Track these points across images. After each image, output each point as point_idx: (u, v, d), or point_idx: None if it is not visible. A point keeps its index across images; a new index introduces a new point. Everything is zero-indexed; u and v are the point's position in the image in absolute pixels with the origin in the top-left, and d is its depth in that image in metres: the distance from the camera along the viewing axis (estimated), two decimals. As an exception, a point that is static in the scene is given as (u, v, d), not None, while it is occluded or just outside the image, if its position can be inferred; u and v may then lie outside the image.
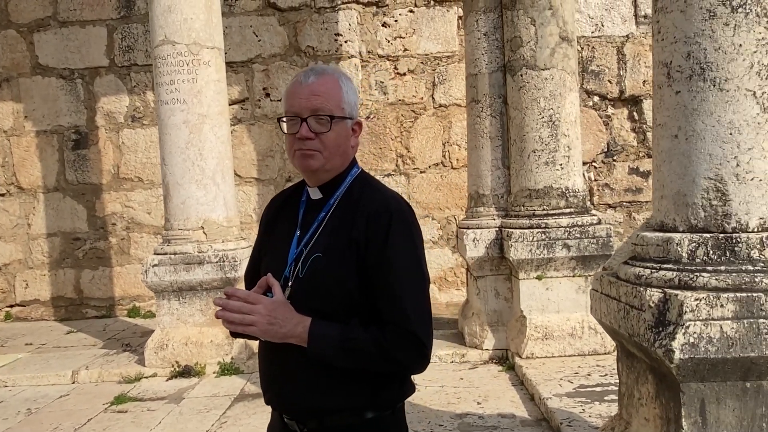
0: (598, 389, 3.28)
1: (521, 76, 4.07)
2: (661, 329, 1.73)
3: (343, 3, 6.60)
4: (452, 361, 4.31)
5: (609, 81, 6.60)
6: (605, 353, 3.87)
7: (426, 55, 6.72)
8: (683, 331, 1.66)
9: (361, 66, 6.69)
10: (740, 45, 1.77)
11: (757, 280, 1.68)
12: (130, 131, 6.71)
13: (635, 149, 6.60)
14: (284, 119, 1.38)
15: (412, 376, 1.45)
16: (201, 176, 4.35)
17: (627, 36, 6.57)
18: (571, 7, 4.15)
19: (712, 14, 1.80)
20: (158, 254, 4.43)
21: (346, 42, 6.64)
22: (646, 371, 1.98)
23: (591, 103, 6.59)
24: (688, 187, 1.86)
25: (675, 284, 1.77)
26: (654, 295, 1.78)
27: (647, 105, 6.57)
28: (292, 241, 1.40)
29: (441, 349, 4.43)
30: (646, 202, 6.58)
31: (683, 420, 1.75)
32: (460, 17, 6.57)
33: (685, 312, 1.67)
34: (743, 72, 1.78)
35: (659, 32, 1.95)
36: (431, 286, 6.51)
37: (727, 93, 1.78)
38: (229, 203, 4.52)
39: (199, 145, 4.34)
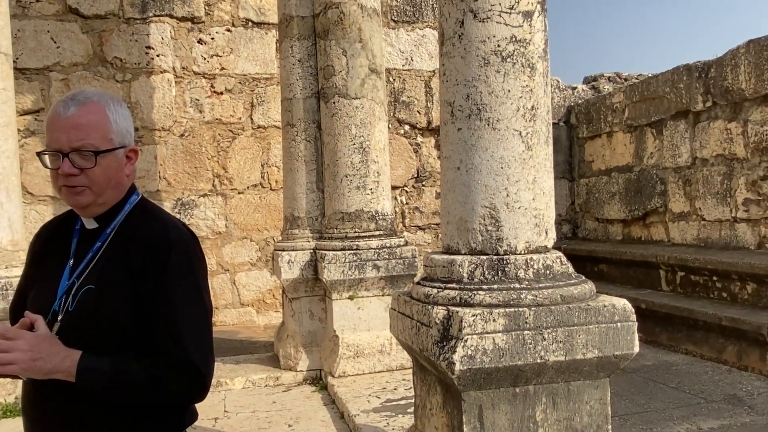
0: (403, 402, 3.46)
1: (334, 103, 4.22)
2: (445, 343, 1.90)
3: (155, 15, 6.32)
4: (266, 385, 4.27)
5: (418, 111, 7.08)
6: (411, 367, 4.09)
7: (244, 75, 6.67)
8: (462, 344, 1.84)
9: (175, 82, 6.44)
10: (509, 90, 2.03)
11: (522, 296, 1.91)
12: None
13: (442, 175, 7.12)
14: (45, 153, 1.28)
15: (226, 405, 1.43)
16: (-20, 195, 3.86)
17: (433, 71, 7.11)
18: (379, 42, 4.40)
19: (486, 62, 2.03)
20: None
21: (158, 56, 6.36)
22: (435, 383, 2.15)
23: (402, 131, 7.01)
24: (468, 214, 2.07)
25: (457, 302, 1.95)
26: (440, 312, 1.95)
27: (452, 135, 7.14)
28: (64, 273, 1.31)
29: (255, 374, 4.37)
30: (452, 224, 7.13)
31: (464, 426, 1.92)
32: (278, 41, 6.64)
33: (464, 327, 1.84)
34: (511, 114, 2.03)
35: (444, 74, 2.17)
36: (250, 309, 6.41)
37: (499, 132, 2.02)
38: (15, 224, 4.05)
39: (-21, 159, 3.85)
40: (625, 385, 3.86)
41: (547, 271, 2.00)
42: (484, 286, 1.95)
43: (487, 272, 1.99)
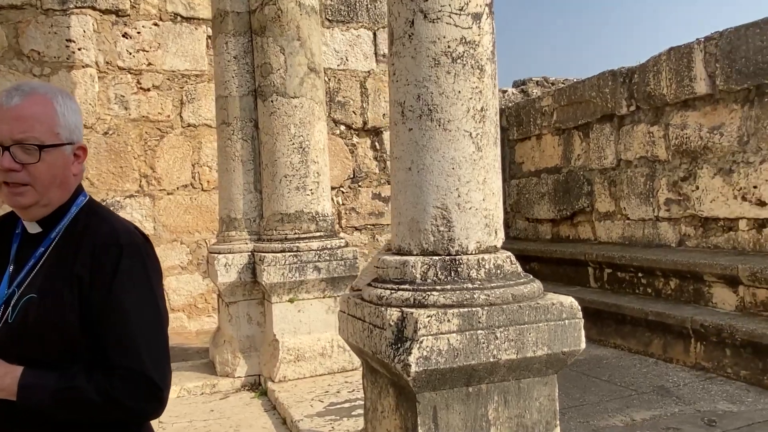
0: (347, 405, 3.43)
1: (272, 102, 4.12)
2: (399, 345, 1.88)
3: (76, 7, 5.99)
4: (202, 393, 4.12)
5: (354, 112, 7.06)
6: (353, 369, 4.07)
7: (173, 71, 6.43)
8: (418, 345, 1.82)
9: (99, 77, 6.13)
10: (459, 91, 2.03)
11: (475, 296, 1.92)
12: None
13: (377, 176, 7.13)
14: None
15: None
16: None
17: (369, 72, 7.11)
18: (318, 41, 4.35)
19: (437, 62, 2.03)
20: None
21: (80, 49, 6.03)
22: (387, 386, 2.13)
23: (338, 132, 6.97)
24: (420, 215, 2.06)
25: (411, 303, 1.94)
26: (393, 314, 1.93)
27: (387, 136, 7.17)
28: (3, 281, 1.20)
29: (190, 381, 4.21)
30: (387, 224, 7.15)
31: (419, 428, 1.91)
32: (209, 36, 6.44)
33: (419, 328, 1.83)
34: (462, 115, 2.04)
35: (394, 74, 2.14)
36: (180, 314, 6.19)
37: (450, 132, 2.03)
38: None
39: None
40: (560, 379, 3.93)
41: (498, 271, 2.02)
42: (438, 287, 1.95)
43: (440, 273, 1.98)
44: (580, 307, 2.04)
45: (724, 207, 4.77)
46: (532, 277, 2.12)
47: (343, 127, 7.01)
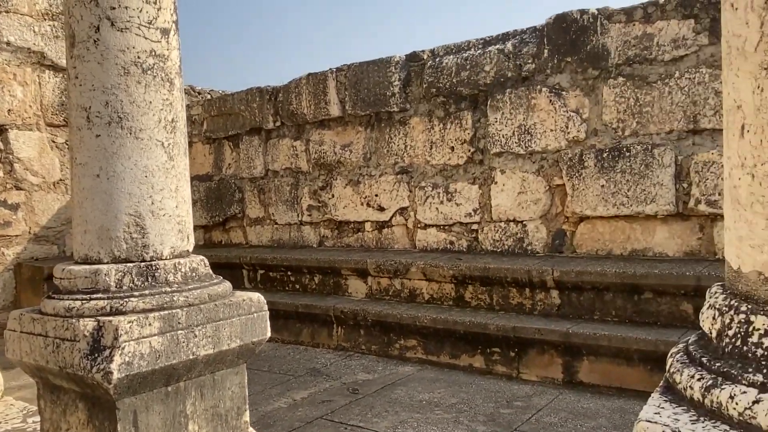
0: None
1: None
2: (97, 355, 1.86)
3: None
4: None
5: (-31, 104, 5.99)
6: (-7, 402, 3.56)
7: None
8: (120, 352, 1.84)
9: None
10: (151, 102, 2.10)
11: (175, 298, 2.02)
12: None
13: (3, 180, 6.20)
14: None
15: None
16: None
17: (-11, 59, 6.13)
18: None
19: (126, 71, 2.06)
20: None
21: None
22: (76, 401, 2.04)
23: (-53, 127, 5.82)
24: (111, 223, 2.05)
25: (108, 311, 1.93)
26: (88, 324, 1.89)
27: (14, 135, 6.29)
28: None
29: None
30: (17, 236, 6.27)
31: (119, 434, 1.92)
32: None
33: (121, 335, 1.85)
34: (154, 125, 2.11)
35: (77, 77, 2.08)
36: None
37: (142, 141, 2.08)
38: None
39: None
40: (226, 376, 4.19)
41: (194, 274, 2.16)
42: (136, 293, 1.99)
43: (136, 279, 2.02)
44: (266, 301, 2.32)
45: (354, 212, 5.68)
46: (222, 278, 2.31)
47: (-47, 122, 5.88)
